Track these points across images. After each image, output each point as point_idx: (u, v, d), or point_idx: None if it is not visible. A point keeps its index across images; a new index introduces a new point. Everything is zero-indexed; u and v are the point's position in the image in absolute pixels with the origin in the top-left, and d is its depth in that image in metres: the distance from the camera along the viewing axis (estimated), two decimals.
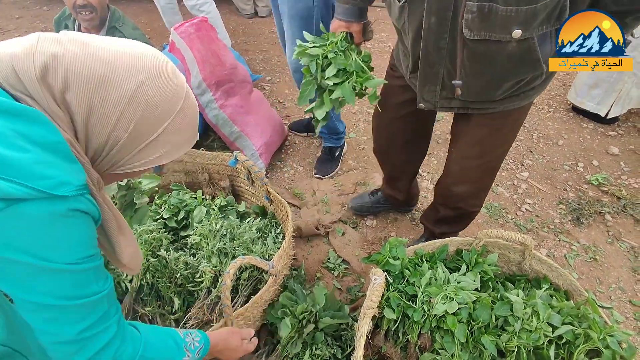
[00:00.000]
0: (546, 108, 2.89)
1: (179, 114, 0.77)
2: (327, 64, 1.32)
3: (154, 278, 1.44)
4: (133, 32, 2.08)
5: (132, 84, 0.69)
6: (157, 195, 1.79)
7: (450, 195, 1.59)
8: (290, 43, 1.85)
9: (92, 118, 0.68)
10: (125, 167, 0.77)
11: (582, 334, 1.20)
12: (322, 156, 2.36)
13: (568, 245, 1.95)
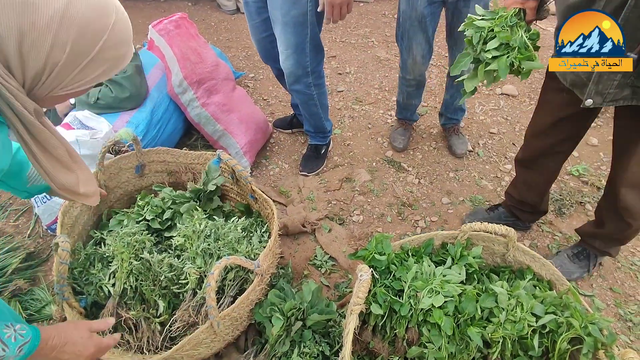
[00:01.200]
0: (527, 101, 2.93)
1: (114, 29, 0.76)
2: (490, 37, 1.32)
3: (138, 281, 1.41)
4: None
5: (60, 3, 0.68)
6: (139, 196, 1.76)
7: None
8: (284, 48, 1.82)
9: (24, 44, 0.67)
10: (68, 89, 0.77)
11: (564, 323, 1.22)
12: (308, 153, 2.35)
13: (551, 236, 1.98)
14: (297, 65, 1.86)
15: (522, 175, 1.81)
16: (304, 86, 1.97)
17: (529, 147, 1.71)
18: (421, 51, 1.96)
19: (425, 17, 1.84)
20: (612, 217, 1.59)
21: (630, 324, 1.63)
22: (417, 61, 2.01)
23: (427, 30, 1.89)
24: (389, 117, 2.75)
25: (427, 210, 2.10)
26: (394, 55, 3.44)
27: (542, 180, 1.75)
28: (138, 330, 1.39)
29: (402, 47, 2.02)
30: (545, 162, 1.69)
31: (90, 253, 1.48)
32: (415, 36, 1.91)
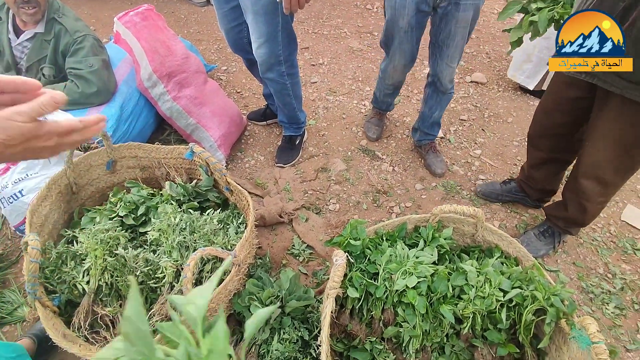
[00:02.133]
0: (496, 88, 3.02)
1: None
2: None
3: (113, 277, 1.40)
4: (75, 24, 1.96)
5: None
6: (112, 193, 1.73)
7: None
8: (257, 37, 1.81)
9: None
10: None
11: (529, 296, 1.29)
12: (283, 145, 2.36)
13: (518, 216, 2.07)
14: (270, 53, 1.86)
15: (530, 153, 1.90)
16: (277, 75, 1.96)
17: (536, 123, 1.80)
18: (404, 60, 1.96)
19: (412, 26, 1.80)
20: (572, 200, 1.69)
21: (591, 295, 1.73)
22: (398, 69, 2.02)
23: (412, 40, 1.86)
24: (362, 107, 2.78)
25: (402, 196, 2.15)
26: (366, 46, 3.47)
27: (545, 158, 1.82)
28: (115, 327, 1.38)
29: (386, 53, 2.04)
30: (547, 142, 1.77)
31: (62, 251, 1.45)
32: (401, 45, 1.89)
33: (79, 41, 1.93)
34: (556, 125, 1.69)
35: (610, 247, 1.93)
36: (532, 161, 1.90)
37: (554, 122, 1.69)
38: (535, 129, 1.81)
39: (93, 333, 1.35)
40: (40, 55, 1.95)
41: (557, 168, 1.83)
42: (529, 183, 1.96)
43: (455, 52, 1.82)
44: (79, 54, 1.93)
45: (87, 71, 1.92)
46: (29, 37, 1.93)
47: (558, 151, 1.76)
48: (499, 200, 2.11)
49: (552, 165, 1.83)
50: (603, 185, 1.56)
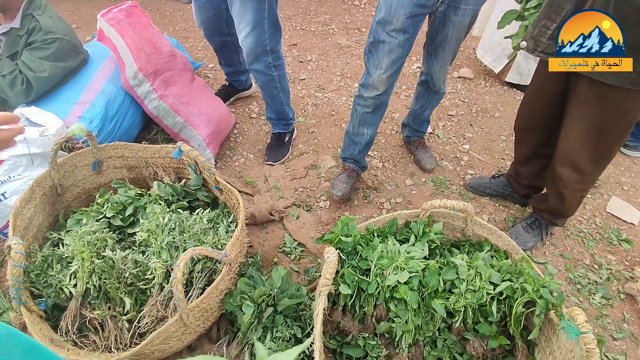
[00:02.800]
0: (483, 83, 3.05)
1: None
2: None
3: (101, 280, 1.37)
4: (51, 24, 1.90)
5: None
6: (98, 194, 1.70)
7: None
8: (244, 25, 1.82)
9: None
10: None
11: (519, 288, 1.30)
12: (272, 142, 2.34)
13: (507, 210, 2.09)
14: (257, 42, 1.86)
15: (517, 148, 1.91)
16: (264, 66, 1.96)
17: (520, 118, 1.81)
18: (392, 69, 1.68)
19: (405, 29, 1.59)
20: (552, 190, 1.72)
21: (579, 286, 1.76)
22: (383, 79, 1.71)
23: (403, 45, 1.63)
24: (351, 103, 2.77)
25: (392, 192, 2.16)
26: (354, 42, 3.46)
27: (530, 153, 1.84)
28: (105, 330, 1.35)
29: (370, 62, 1.71)
30: (531, 136, 1.78)
31: (47, 255, 1.42)
32: (390, 51, 1.63)
33: (47, 41, 1.88)
34: (539, 119, 1.71)
35: (596, 239, 1.97)
36: (518, 157, 1.92)
37: (537, 116, 1.71)
38: (519, 124, 1.83)
39: (82, 337, 1.33)
40: (13, 50, 1.90)
41: (542, 164, 1.84)
42: (517, 179, 1.98)
43: (450, 54, 1.81)
44: (39, 53, 1.87)
45: (34, 75, 1.86)
46: (3, 32, 1.88)
47: (543, 146, 1.78)
48: (487, 194, 2.13)
49: (538, 160, 1.84)
50: (578, 172, 1.58)
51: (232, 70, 2.52)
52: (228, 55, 2.41)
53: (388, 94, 1.82)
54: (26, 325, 1.22)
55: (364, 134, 1.95)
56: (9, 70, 1.83)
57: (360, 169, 2.11)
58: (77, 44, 2.04)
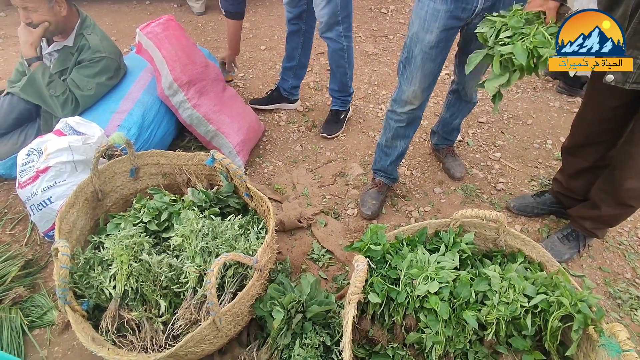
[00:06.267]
0: (515, 89, 2.98)
1: None
2: (505, 29, 1.31)
3: (138, 282, 1.43)
4: (99, 44, 2.02)
5: None
6: (135, 199, 1.78)
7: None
8: (321, 0, 2.08)
9: None
10: None
11: (555, 302, 1.26)
12: (329, 118, 2.59)
13: (540, 221, 2.03)
14: (331, 13, 2.11)
15: (569, 163, 1.86)
16: (335, 34, 2.20)
17: (575, 136, 1.78)
18: (425, 83, 1.68)
19: (439, 43, 1.57)
20: (609, 200, 1.65)
21: (619, 301, 1.68)
22: (418, 94, 1.71)
23: (437, 58, 1.62)
24: (379, 110, 2.78)
25: (420, 200, 2.14)
26: (381, 50, 3.47)
27: (587, 167, 1.79)
28: (141, 331, 1.41)
29: (403, 77, 1.71)
30: (590, 150, 1.74)
31: (89, 257, 1.49)
32: (424, 65, 1.62)
33: (95, 60, 2.01)
34: (599, 133, 1.67)
35: (638, 252, 1.88)
36: (570, 171, 1.85)
37: (595, 131, 1.67)
38: (575, 140, 1.78)
39: (120, 337, 1.38)
40: (64, 66, 2.02)
41: (597, 175, 1.78)
42: (569, 195, 1.90)
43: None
44: (87, 71, 2.00)
45: (81, 94, 1.98)
46: (57, 48, 2.01)
47: (600, 159, 1.73)
48: (536, 214, 2.03)
49: (593, 173, 1.78)
50: None
51: (290, 65, 2.58)
52: (294, 45, 2.50)
53: (422, 109, 1.82)
54: (70, 324, 1.29)
55: (397, 146, 1.95)
56: (61, 91, 1.95)
57: (392, 181, 2.10)
58: (121, 62, 2.17)
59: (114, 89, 2.18)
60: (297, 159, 2.40)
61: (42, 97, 1.96)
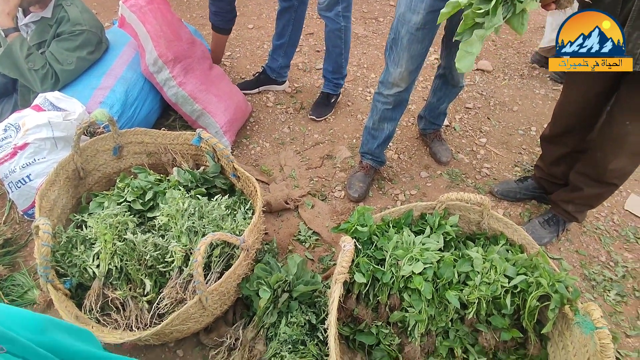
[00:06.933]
0: (502, 76, 3.00)
1: None
2: None
3: (123, 261, 1.42)
4: (79, 15, 1.93)
5: None
6: (119, 178, 1.74)
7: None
8: None
9: None
10: None
11: (534, 283, 1.31)
12: (319, 100, 2.57)
13: (522, 205, 2.08)
14: None
15: (549, 151, 1.90)
16: (333, 14, 2.17)
17: (556, 125, 1.80)
18: (412, 65, 1.67)
19: (426, 25, 1.56)
20: (590, 182, 1.69)
21: (593, 282, 1.75)
22: (404, 76, 1.70)
23: (424, 40, 1.61)
24: (368, 94, 2.76)
25: (407, 184, 2.16)
26: (371, 32, 3.43)
27: (567, 152, 1.82)
28: (126, 310, 1.40)
29: (390, 58, 1.71)
30: (570, 137, 1.77)
31: (72, 236, 1.47)
32: (410, 46, 1.61)
33: (75, 33, 1.92)
34: (580, 121, 1.70)
35: (613, 236, 1.95)
36: (550, 159, 1.89)
37: (577, 118, 1.70)
38: (556, 129, 1.80)
39: (104, 315, 1.37)
40: (41, 38, 1.94)
41: (577, 159, 1.83)
42: (551, 180, 1.95)
43: None
44: (67, 45, 1.91)
45: (61, 68, 1.90)
46: (34, 20, 1.92)
47: (580, 143, 1.77)
48: (518, 199, 2.07)
49: (572, 157, 1.83)
50: (635, 163, 1.58)
51: (280, 42, 2.51)
52: (285, 22, 2.43)
53: (409, 91, 1.82)
54: (52, 302, 1.27)
55: (384, 129, 1.95)
56: (40, 64, 1.87)
57: (379, 164, 2.12)
58: (102, 36, 2.08)
59: (96, 65, 2.10)
60: (285, 141, 2.38)
61: (19, 71, 1.88)
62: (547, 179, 1.97)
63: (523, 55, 3.24)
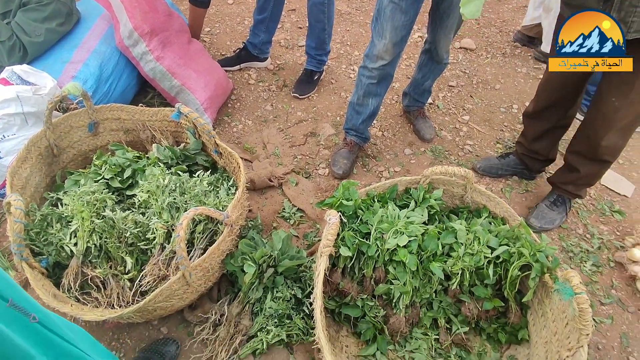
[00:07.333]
0: (484, 54, 3.00)
1: None
2: None
3: (102, 239, 1.37)
4: None
5: None
6: (96, 155, 1.68)
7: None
8: None
9: None
10: None
11: (516, 253, 1.33)
12: (302, 77, 2.52)
13: (504, 180, 2.11)
14: None
15: (531, 127, 1.91)
16: None
17: (539, 100, 1.81)
18: (396, 37, 1.64)
19: None
20: (585, 161, 1.72)
21: (571, 254, 1.81)
22: (389, 48, 1.68)
23: (408, 11, 1.59)
24: (351, 71, 2.73)
25: (391, 161, 2.16)
26: (355, 9, 3.37)
27: (549, 128, 1.85)
28: (106, 288, 1.37)
29: (375, 30, 1.69)
30: (552, 113, 1.79)
31: (46, 213, 1.41)
32: (393, 16, 1.59)
33: (43, 3, 1.81)
34: (563, 96, 1.72)
35: (589, 209, 2.00)
36: (533, 135, 1.91)
37: (561, 94, 1.72)
38: (539, 105, 1.82)
39: (84, 294, 1.34)
40: (5, 8, 1.82)
41: (558, 135, 1.88)
42: (532, 156, 1.97)
43: (454, 22, 1.77)
44: (35, 15, 1.80)
45: (29, 40, 1.80)
46: None
47: (562, 118, 1.80)
48: (500, 175, 2.10)
49: (554, 133, 1.86)
50: (625, 138, 1.61)
51: (262, 17, 2.42)
52: None
53: (394, 65, 1.80)
54: (28, 281, 1.23)
55: (369, 104, 1.93)
56: (7, 36, 1.76)
57: (363, 141, 2.10)
58: (72, 6, 1.97)
59: (66, 37, 1.99)
60: (268, 119, 2.33)
61: None
62: (528, 155, 1.99)
63: (505, 34, 3.24)
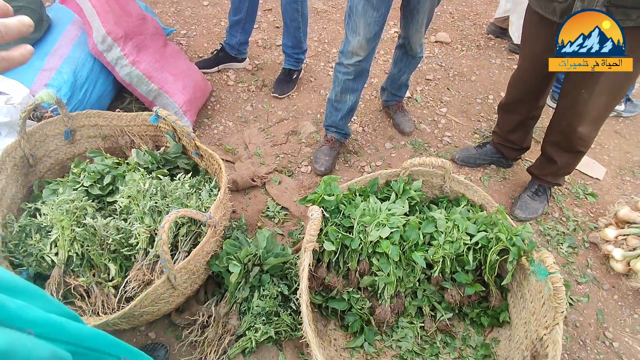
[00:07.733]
0: (460, 47, 3.06)
1: None
2: None
3: (84, 247, 1.36)
4: None
5: None
6: (74, 163, 1.65)
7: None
8: None
9: None
10: None
11: (494, 238, 1.37)
12: (281, 77, 2.52)
13: (482, 169, 2.16)
14: None
15: (505, 119, 1.97)
16: None
17: (511, 94, 1.87)
18: (369, 33, 1.67)
19: None
20: (561, 152, 1.78)
21: (548, 237, 1.87)
22: (363, 44, 1.70)
23: (379, 8, 1.62)
24: (330, 69, 2.75)
25: (372, 155, 2.19)
26: (331, 7, 3.39)
27: (521, 120, 1.91)
28: (91, 296, 1.35)
29: (348, 27, 1.71)
30: (523, 105, 1.85)
31: (25, 224, 1.39)
32: (365, 12, 1.61)
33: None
34: (532, 89, 1.78)
35: (564, 193, 2.07)
36: (508, 127, 1.97)
37: (530, 87, 1.78)
38: (511, 97, 1.88)
39: (67, 304, 1.32)
40: None
41: (530, 125, 1.95)
42: (508, 145, 2.04)
43: (424, 17, 1.81)
44: None
45: None
46: None
47: (533, 110, 1.86)
48: (478, 164, 2.16)
49: (527, 124, 1.93)
50: (597, 128, 1.67)
51: (237, 18, 2.40)
52: None
53: (369, 61, 1.82)
54: None
55: (347, 100, 1.95)
56: None
57: (343, 137, 2.12)
58: (43, 13, 1.93)
59: (37, 45, 1.96)
60: (248, 119, 2.34)
61: None
62: (504, 144, 2.05)
63: (479, 27, 3.31)
